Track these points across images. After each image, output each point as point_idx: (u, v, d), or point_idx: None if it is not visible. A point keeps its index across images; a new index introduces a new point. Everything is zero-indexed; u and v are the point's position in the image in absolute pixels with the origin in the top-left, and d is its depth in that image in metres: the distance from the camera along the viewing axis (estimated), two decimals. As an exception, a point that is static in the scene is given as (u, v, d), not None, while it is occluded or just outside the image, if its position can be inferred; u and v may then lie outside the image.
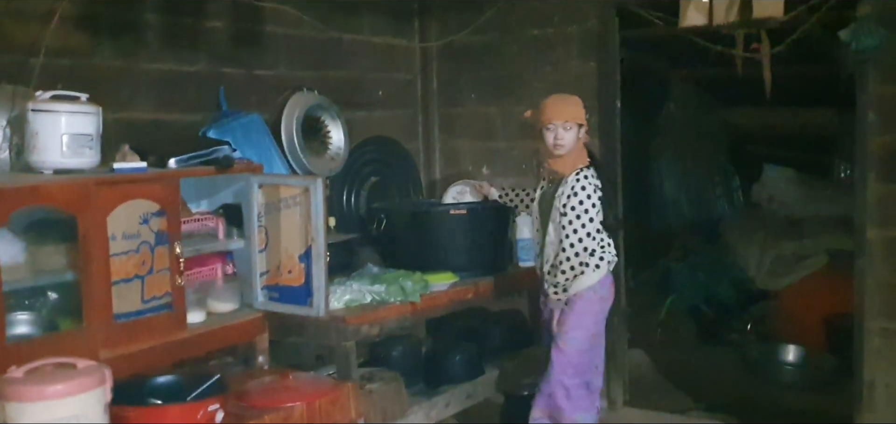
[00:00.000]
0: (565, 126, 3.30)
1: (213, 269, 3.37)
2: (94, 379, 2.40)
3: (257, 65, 4.12)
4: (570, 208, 3.25)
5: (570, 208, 3.25)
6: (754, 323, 5.65)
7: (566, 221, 3.25)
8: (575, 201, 3.25)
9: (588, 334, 3.34)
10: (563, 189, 3.30)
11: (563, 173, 3.35)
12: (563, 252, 3.26)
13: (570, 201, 3.26)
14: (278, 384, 3.03)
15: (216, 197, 3.53)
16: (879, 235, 3.72)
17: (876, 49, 3.55)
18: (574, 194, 3.26)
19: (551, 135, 3.32)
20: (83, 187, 2.74)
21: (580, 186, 3.26)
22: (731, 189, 7.26)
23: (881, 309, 3.74)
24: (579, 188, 3.26)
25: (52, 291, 2.85)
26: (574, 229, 3.24)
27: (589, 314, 3.33)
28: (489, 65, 4.86)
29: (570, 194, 3.27)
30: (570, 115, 3.33)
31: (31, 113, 2.77)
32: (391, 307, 3.50)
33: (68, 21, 3.30)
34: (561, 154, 3.33)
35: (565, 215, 3.26)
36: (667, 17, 4.06)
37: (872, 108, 3.67)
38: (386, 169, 4.74)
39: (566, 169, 3.34)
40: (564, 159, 3.34)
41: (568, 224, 3.25)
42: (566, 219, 3.25)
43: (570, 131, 3.31)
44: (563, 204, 3.27)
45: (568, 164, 3.34)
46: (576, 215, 3.24)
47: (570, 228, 3.25)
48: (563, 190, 3.31)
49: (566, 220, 3.25)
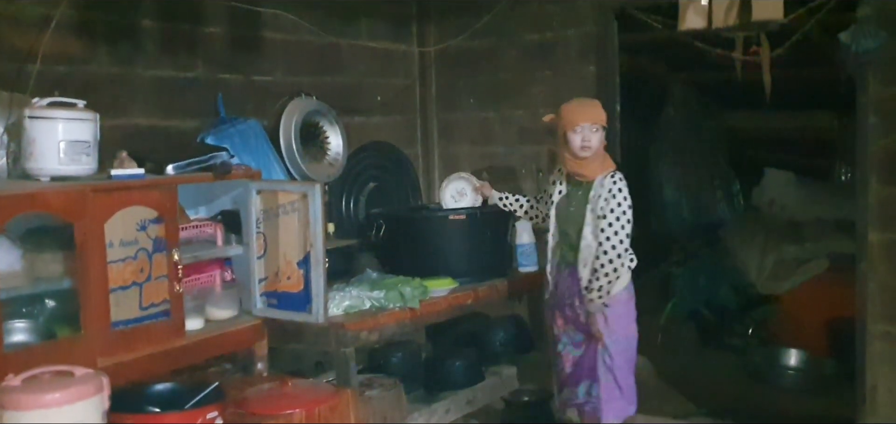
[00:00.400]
0: (592, 128, 3.34)
1: (211, 276, 3.35)
2: (92, 387, 2.38)
3: (255, 71, 4.11)
4: (609, 210, 3.27)
5: (609, 211, 3.27)
6: (756, 328, 5.63)
7: (606, 224, 3.27)
8: (614, 204, 3.28)
9: (631, 333, 3.41)
10: (599, 192, 3.31)
11: (589, 176, 3.37)
12: (604, 255, 3.27)
13: (610, 203, 3.28)
14: (277, 391, 3.01)
15: (214, 203, 3.52)
16: (881, 238, 3.70)
17: (876, 51, 3.54)
18: (613, 197, 3.28)
19: (578, 137, 3.34)
20: (80, 194, 2.72)
21: (617, 188, 3.30)
22: (732, 193, 7.24)
23: (883, 313, 3.72)
24: (617, 191, 3.29)
25: (49, 298, 2.83)
26: (615, 232, 3.26)
27: (628, 314, 3.39)
28: (488, 70, 4.86)
29: (607, 197, 3.29)
30: (598, 117, 3.37)
31: (28, 120, 2.75)
32: (390, 313, 3.48)
33: (65, 27, 3.29)
34: (587, 156, 3.35)
35: (605, 218, 3.28)
36: (666, 20, 4.06)
37: (873, 110, 3.67)
38: (385, 175, 4.73)
39: (593, 173, 3.36)
40: (590, 162, 3.37)
41: (609, 227, 3.27)
42: (606, 222, 3.27)
43: (597, 134, 3.36)
44: (602, 208, 3.29)
45: (595, 167, 3.37)
46: (615, 217, 3.27)
47: (611, 230, 3.26)
48: (598, 193, 3.32)
49: (606, 223, 3.27)
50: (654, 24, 4.18)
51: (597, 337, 3.35)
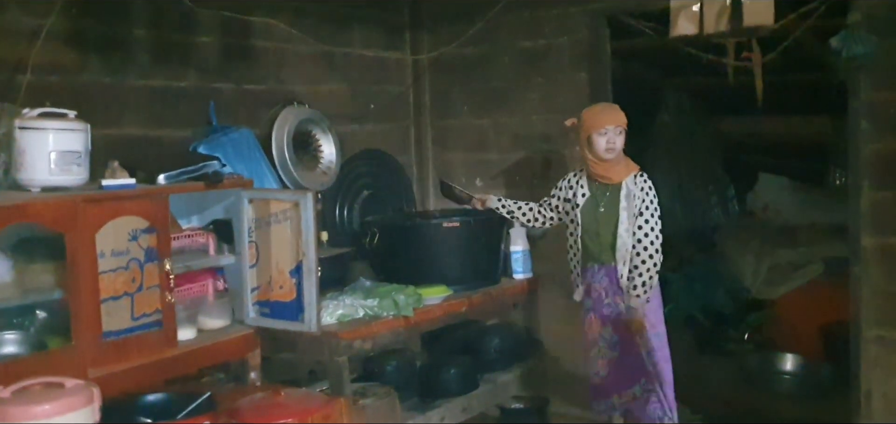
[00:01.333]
0: (617, 130, 3.48)
1: (203, 285, 3.34)
2: (83, 398, 2.38)
3: (247, 79, 4.10)
4: (645, 207, 3.42)
5: (645, 208, 3.42)
6: (751, 332, 5.63)
7: (643, 221, 3.43)
8: (648, 201, 3.44)
9: (662, 323, 3.54)
10: (633, 191, 3.45)
11: (614, 179, 3.50)
12: (644, 251, 3.41)
13: (645, 201, 3.43)
14: (270, 400, 3.00)
15: (206, 213, 3.51)
16: (874, 242, 3.71)
17: (866, 56, 3.55)
18: (646, 195, 3.44)
19: (603, 139, 3.47)
20: (71, 205, 2.72)
21: (649, 186, 3.47)
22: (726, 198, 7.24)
23: (877, 318, 3.72)
24: (649, 189, 3.47)
25: (40, 309, 2.83)
26: (652, 228, 3.43)
27: (660, 307, 3.55)
28: (481, 77, 4.86)
29: (642, 195, 3.44)
30: (621, 119, 3.52)
31: (19, 130, 2.75)
32: (384, 322, 3.48)
33: (56, 37, 3.29)
34: (612, 158, 3.48)
35: (642, 216, 3.43)
36: (657, 26, 4.07)
37: (864, 115, 3.67)
38: (378, 182, 4.73)
39: (619, 175, 3.50)
40: (614, 164, 3.51)
41: (646, 223, 3.42)
42: (642, 219, 3.43)
43: (621, 136, 3.50)
44: (637, 206, 3.42)
45: (620, 170, 3.51)
46: (650, 214, 3.43)
47: (648, 226, 3.42)
48: (632, 192, 3.44)
49: (642, 220, 3.43)
50: (646, 30, 4.19)
51: (639, 330, 3.44)
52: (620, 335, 3.52)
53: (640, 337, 3.44)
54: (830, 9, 3.75)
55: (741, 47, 4.08)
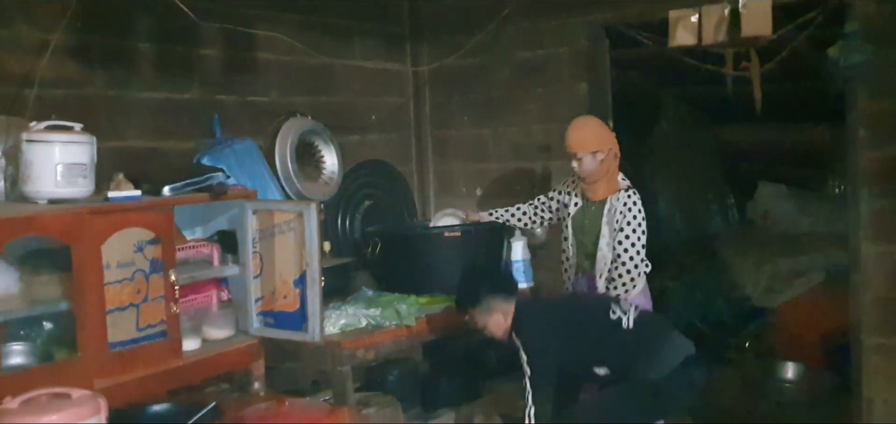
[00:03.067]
0: (578, 156, 3.47)
1: (208, 296, 3.36)
2: (89, 409, 2.38)
3: (250, 91, 4.14)
4: (625, 223, 3.45)
5: (625, 224, 3.45)
6: (752, 341, 5.64)
7: (623, 236, 3.46)
8: (630, 217, 3.46)
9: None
10: (615, 206, 3.48)
11: (596, 196, 3.54)
12: (622, 266, 3.46)
13: (626, 217, 3.46)
14: (274, 410, 3.02)
15: (211, 224, 3.53)
16: (874, 250, 3.73)
17: (864, 65, 3.58)
18: (628, 211, 3.47)
19: (575, 163, 3.52)
20: (77, 217, 2.74)
21: (632, 202, 3.48)
22: (726, 206, 7.27)
23: (878, 325, 3.74)
24: (632, 204, 3.48)
25: (46, 321, 2.83)
26: (632, 243, 3.46)
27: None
28: (481, 87, 4.89)
29: (623, 211, 3.47)
30: (580, 145, 3.49)
31: (26, 143, 2.76)
32: (387, 331, 3.49)
33: (62, 51, 3.32)
34: (588, 181, 3.52)
35: (622, 231, 3.45)
36: (656, 37, 4.10)
37: (863, 123, 3.70)
38: (380, 193, 4.75)
39: (599, 195, 3.54)
40: (595, 186, 3.54)
41: (625, 239, 3.46)
42: (623, 235, 3.46)
43: (585, 160, 3.48)
44: (618, 222, 3.46)
45: (601, 189, 3.54)
46: (632, 229, 3.46)
47: (628, 242, 3.46)
48: (614, 207, 3.48)
49: (623, 235, 3.46)
50: (645, 40, 4.22)
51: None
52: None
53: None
54: (828, 18, 3.78)
55: (740, 57, 4.11)
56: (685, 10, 3.88)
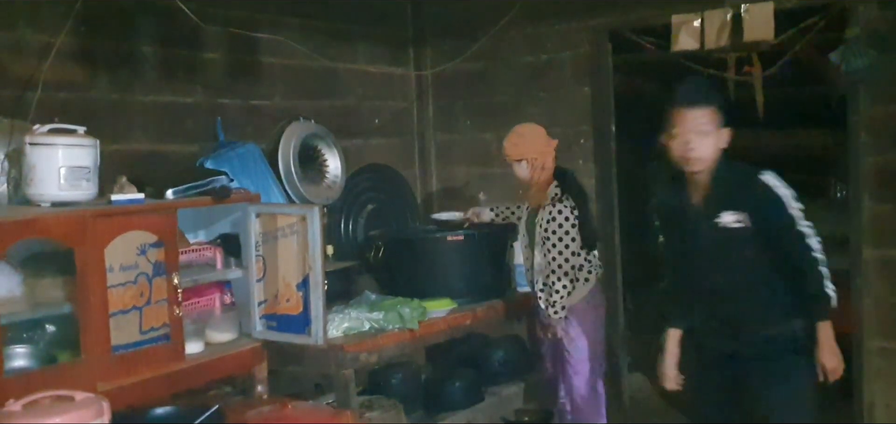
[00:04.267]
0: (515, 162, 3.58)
1: (211, 299, 3.36)
2: (93, 412, 2.38)
3: (254, 95, 4.15)
4: (550, 232, 3.49)
5: (550, 233, 3.49)
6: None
7: (550, 245, 3.50)
8: (553, 227, 3.49)
9: (590, 340, 3.57)
10: (542, 216, 3.54)
11: (534, 204, 3.60)
12: (552, 274, 3.50)
13: (550, 226, 3.50)
14: (277, 413, 3.02)
15: (214, 227, 3.54)
16: (875, 255, 3.73)
17: (865, 70, 3.59)
18: (552, 220, 3.50)
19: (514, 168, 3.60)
20: (80, 220, 2.74)
21: (555, 214, 3.50)
22: (728, 211, 7.25)
23: (879, 329, 3.74)
24: (555, 216, 3.50)
25: (50, 323, 2.85)
26: (559, 252, 3.48)
27: (587, 321, 3.56)
28: (484, 92, 4.90)
29: (548, 221, 3.51)
30: (510, 151, 3.59)
31: (29, 146, 2.78)
32: (390, 335, 3.49)
33: (65, 55, 3.33)
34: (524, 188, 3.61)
35: (548, 240, 3.50)
36: (659, 41, 4.11)
37: (864, 128, 3.71)
38: (383, 196, 4.75)
39: (533, 202, 3.61)
40: (531, 193, 3.62)
41: (552, 248, 3.50)
42: (549, 243, 3.50)
43: (516, 165, 3.58)
44: (544, 232, 3.51)
45: (534, 197, 3.60)
46: (557, 238, 3.49)
47: (555, 251, 3.49)
48: (541, 217, 3.54)
49: (549, 244, 3.50)
50: (648, 45, 4.23)
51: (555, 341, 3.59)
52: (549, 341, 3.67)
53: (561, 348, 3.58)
54: (830, 23, 3.79)
55: (742, 62, 4.12)
56: (688, 14, 3.89)
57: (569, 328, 3.55)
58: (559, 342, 3.59)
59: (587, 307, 3.56)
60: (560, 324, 3.54)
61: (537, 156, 3.56)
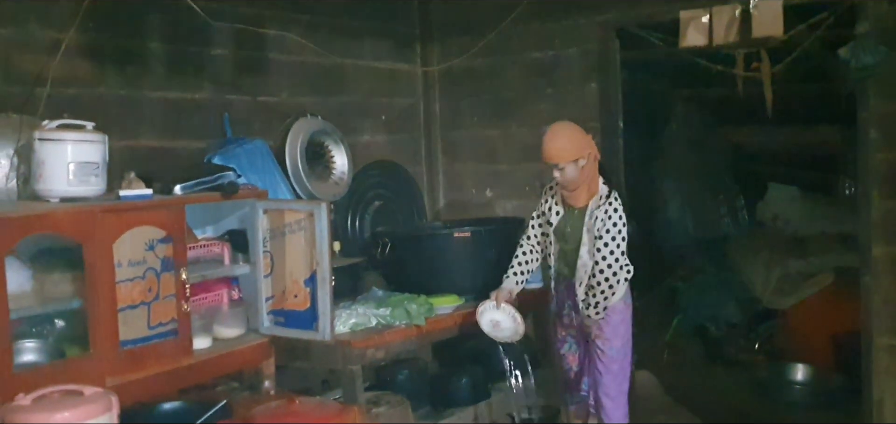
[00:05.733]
0: (563, 166, 3.38)
1: (218, 295, 3.38)
2: (101, 406, 2.40)
3: (261, 91, 4.15)
4: (605, 231, 3.39)
5: (605, 231, 3.39)
6: (762, 342, 5.62)
7: (602, 244, 3.40)
8: (610, 224, 3.39)
9: (624, 341, 3.55)
10: (596, 214, 3.42)
11: (577, 204, 3.48)
12: (600, 273, 3.40)
13: (606, 224, 3.39)
14: (285, 409, 3.02)
15: (221, 223, 3.55)
16: (885, 251, 3.71)
17: (875, 67, 3.57)
18: (608, 218, 3.40)
19: (557, 174, 3.42)
20: (89, 215, 2.76)
21: (613, 209, 3.41)
22: (736, 208, 7.24)
23: (888, 326, 3.72)
24: (613, 211, 3.41)
25: (58, 318, 2.86)
26: (611, 251, 3.39)
27: (623, 323, 3.53)
28: (491, 88, 4.89)
29: (603, 218, 3.40)
30: (553, 156, 3.38)
31: (38, 142, 2.79)
32: (396, 331, 3.50)
33: (74, 51, 3.35)
34: (570, 189, 3.45)
35: (601, 239, 3.40)
36: (667, 37, 4.09)
37: (874, 125, 3.68)
38: (389, 193, 4.76)
39: (580, 202, 3.47)
40: (575, 193, 3.47)
41: (605, 247, 3.39)
42: (602, 242, 3.40)
43: (566, 170, 3.39)
44: (598, 229, 3.40)
45: (582, 196, 3.46)
46: (611, 237, 3.39)
47: (607, 250, 3.39)
48: (594, 215, 3.42)
49: (602, 243, 3.40)
50: (656, 41, 4.21)
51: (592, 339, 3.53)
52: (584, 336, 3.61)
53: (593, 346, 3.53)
54: (839, 19, 3.77)
55: (750, 58, 4.10)
56: (696, 10, 3.88)
57: (605, 327, 3.48)
58: (589, 340, 3.53)
59: (623, 307, 3.51)
60: (597, 324, 3.48)
61: (591, 149, 3.44)
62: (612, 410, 3.53)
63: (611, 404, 3.52)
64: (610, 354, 3.49)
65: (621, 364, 3.53)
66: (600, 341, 3.50)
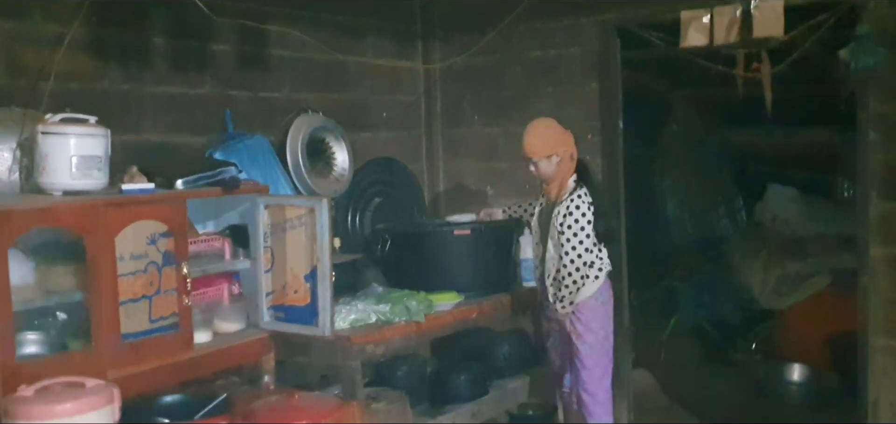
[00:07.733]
0: (536, 160, 3.54)
1: (219, 289, 3.39)
2: (103, 398, 2.42)
3: (263, 87, 4.16)
4: (566, 226, 3.48)
5: (566, 227, 3.48)
6: (759, 343, 5.64)
7: (564, 239, 3.49)
8: (571, 220, 3.48)
9: (600, 338, 3.58)
10: (559, 209, 3.53)
11: (553, 197, 3.60)
12: (564, 268, 3.49)
13: (567, 220, 3.48)
14: (284, 403, 3.04)
15: (222, 218, 3.56)
16: (882, 253, 3.73)
17: (875, 68, 3.58)
18: (570, 214, 3.49)
19: (532, 167, 3.58)
20: (92, 209, 2.77)
21: (574, 206, 3.49)
22: (735, 209, 7.25)
23: (885, 327, 3.74)
24: (574, 208, 3.49)
25: (61, 311, 2.87)
26: (573, 246, 3.47)
27: (596, 319, 3.56)
28: (492, 86, 4.91)
29: (565, 213, 3.50)
30: (530, 150, 3.55)
31: (41, 136, 2.80)
32: (396, 327, 3.51)
33: (78, 45, 3.36)
34: (545, 183, 3.60)
35: (563, 234, 3.49)
36: (668, 37, 4.10)
37: (873, 126, 3.70)
38: (390, 190, 4.77)
39: (553, 195, 3.60)
40: (550, 186, 3.61)
41: (567, 242, 3.48)
42: (564, 237, 3.49)
43: (540, 164, 3.54)
44: (560, 224, 3.50)
45: (554, 190, 3.60)
46: (573, 232, 3.47)
47: (569, 245, 3.48)
48: (559, 210, 3.53)
49: (564, 238, 3.49)
50: (657, 41, 4.23)
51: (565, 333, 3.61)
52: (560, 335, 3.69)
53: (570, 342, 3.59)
54: (840, 20, 3.78)
55: (751, 58, 4.11)
56: (697, 10, 3.89)
57: (577, 323, 3.55)
58: (567, 335, 3.60)
59: (596, 304, 3.55)
60: (567, 318, 3.55)
61: (567, 147, 3.55)
62: (591, 406, 3.57)
63: (590, 400, 3.57)
64: (583, 350, 3.55)
65: (597, 361, 3.57)
66: (574, 336, 3.56)
